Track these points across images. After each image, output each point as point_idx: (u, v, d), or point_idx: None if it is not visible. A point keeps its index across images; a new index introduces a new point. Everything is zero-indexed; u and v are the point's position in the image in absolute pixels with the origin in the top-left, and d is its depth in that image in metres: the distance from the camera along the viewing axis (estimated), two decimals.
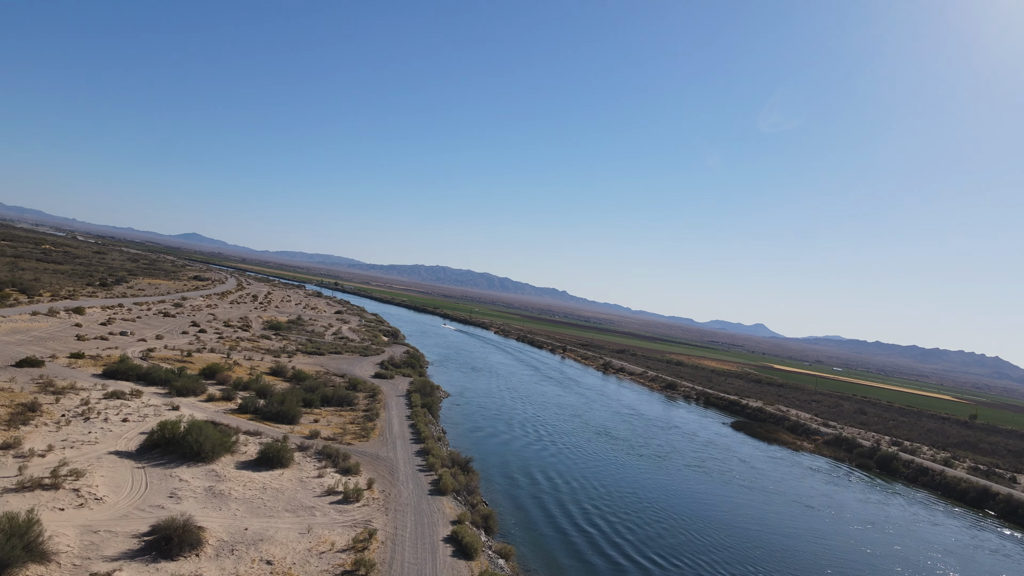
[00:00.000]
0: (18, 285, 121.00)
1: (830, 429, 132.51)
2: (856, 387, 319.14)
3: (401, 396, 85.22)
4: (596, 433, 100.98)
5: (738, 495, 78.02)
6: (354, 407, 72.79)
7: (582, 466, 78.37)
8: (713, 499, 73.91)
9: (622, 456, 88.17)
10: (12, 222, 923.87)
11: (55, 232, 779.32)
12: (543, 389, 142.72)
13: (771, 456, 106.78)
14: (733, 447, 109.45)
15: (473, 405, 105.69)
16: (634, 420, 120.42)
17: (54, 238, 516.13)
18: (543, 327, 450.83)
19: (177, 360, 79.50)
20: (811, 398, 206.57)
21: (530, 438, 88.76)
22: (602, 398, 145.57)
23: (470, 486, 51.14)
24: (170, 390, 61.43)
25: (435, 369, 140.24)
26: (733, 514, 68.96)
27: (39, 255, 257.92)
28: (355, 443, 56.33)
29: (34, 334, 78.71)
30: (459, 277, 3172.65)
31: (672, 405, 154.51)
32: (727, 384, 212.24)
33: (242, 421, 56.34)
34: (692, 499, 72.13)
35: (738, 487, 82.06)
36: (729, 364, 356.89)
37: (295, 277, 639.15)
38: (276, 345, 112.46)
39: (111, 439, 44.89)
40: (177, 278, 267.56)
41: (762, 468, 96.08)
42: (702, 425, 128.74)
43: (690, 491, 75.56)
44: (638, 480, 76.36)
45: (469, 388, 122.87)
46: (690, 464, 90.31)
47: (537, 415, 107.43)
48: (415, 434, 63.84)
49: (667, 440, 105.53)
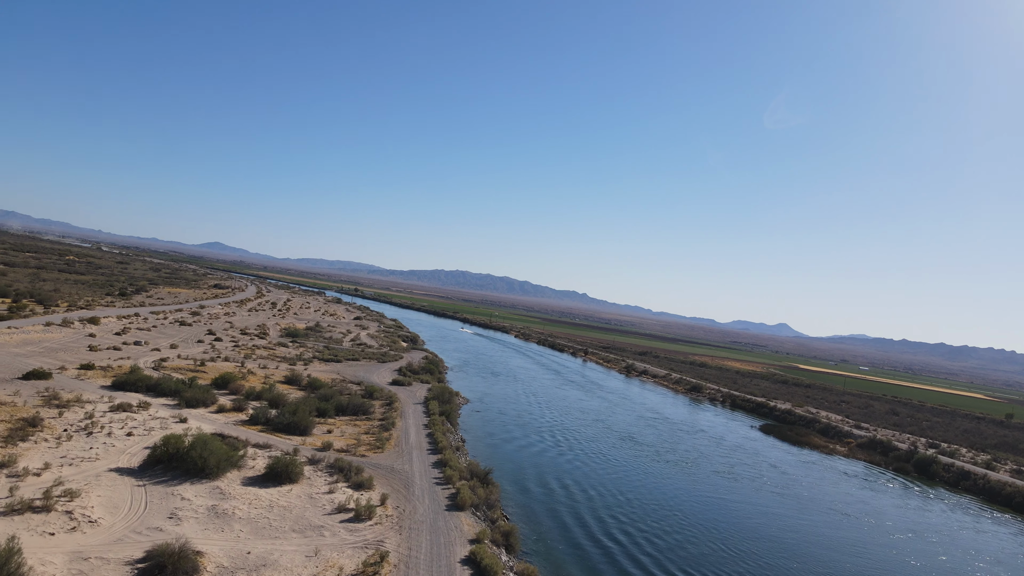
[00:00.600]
0: (36, 296, 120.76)
1: (863, 431, 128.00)
2: (885, 387, 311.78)
3: (419, 403, 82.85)
4: (620, 439, 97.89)
5: (770, 503, 74.55)
6: (370, 416, 70.52)
7: (606, 474, 75.40)
8: (744, 507, 70.54)
9: (647, 463, 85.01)
10: (39, 234, 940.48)
11: (81, 243, 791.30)
12: (565, 393, 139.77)
13: (803, 460, 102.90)
14: (762, 451, 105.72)
15: (493, 411, 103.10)
16: (659, 424, 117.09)
17: (79, 249, 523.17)
18: (564, 330, 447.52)
19: (190, 370, 77.84)
20: (840, 399, 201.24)
21: (552, 445, 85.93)
22: (625, 402, 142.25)
23: (490, 499, 48.46)
24: (180, 401, 59.57)
25: (455, 375, 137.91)
26: (766, 523, 65.59)
27: (62, 266, 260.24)
28: (369, 455, 53.95)
29: (46, 345, 77.54)
30: (479, 281, 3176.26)
31: (697, 408, 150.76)
32: (753, 385, 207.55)
33: (252, 433, 54.22)
34: (722, 508, 68.82)
35: (770, 494, 78.56)
36: (753, 365, 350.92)
37: (315, 284, 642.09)
38: (292, 352, 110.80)
39: (113, 455, 42.90)
40: (197, 287, 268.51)
41: (794, 473, 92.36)
42: (729, 429, 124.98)
43: (720, 499, 72.24)
44: (665, 488, 73.20)
45: (489, 394, 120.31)
46: (718, 470, 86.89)
47: (559, 420, 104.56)
48: (432, 444, 61.35)
49: (693, 445, 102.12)
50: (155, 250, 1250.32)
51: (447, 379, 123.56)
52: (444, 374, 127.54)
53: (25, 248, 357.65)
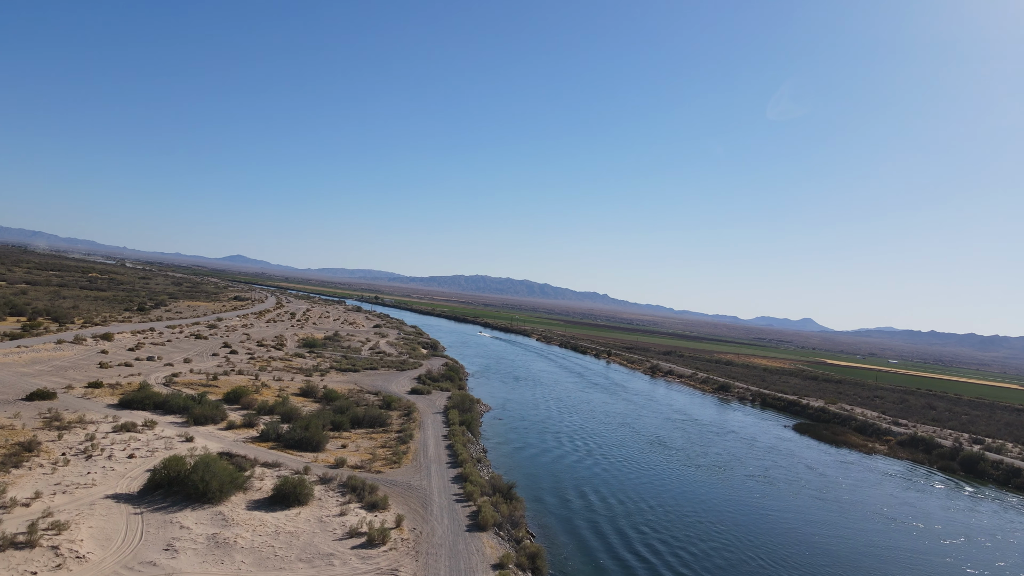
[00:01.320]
0: (52, 313, 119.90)
1: (902, 428, 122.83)
2: (917, 380, 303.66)
3: (438, 413, 79.89)
4: (648, 443, 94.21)
5: (810, 507, 70.53)
6: (387, 428, 67.66)
7: (635, 481, 71.82)
8: (782, 513, 66.58)
9: (678, 468, 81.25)
10: (65, 253, 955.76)
11: (105, 261, 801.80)
12: (589, 397, 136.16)
13: (841, 461, 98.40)
14: (797, 452, 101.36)
15: (516, 418, 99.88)
16: (688, 426, 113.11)
17: (103, 266, 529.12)
18: (585, 332, 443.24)
19: (202, 384, 75.61)
20: (873, 394, 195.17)
21: (578, 452, 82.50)
22: (652, 403, 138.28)
23: (514, 517, 45.22)
24: (188, 419, 57.12)
25: (476, 381, 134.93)
26: (807, 530, 61.60)
27: (84, 283, 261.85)
28: (385, 470, 51.00)
29: (55, 363, 75.76)
30: (499, 285, 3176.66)
31: (726, 408, 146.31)
32: (782, 383, 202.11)
33: (261, 451, 51.55)
34: (759, 514, 64.91)
35: (809, 498, 74.50)
36: (780, 361, 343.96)
37: (336, 293, 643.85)
38: (309, 363, 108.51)
39: (112, 480, 40.36)
40: (217, 299, 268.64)
41: (832, 475, 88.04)
42: (761, 429, 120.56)
43: (756, 505, 68.32)
44: (698, 495, 69.45)
45: (511, 400, 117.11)
46: (753, 474, 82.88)
47: (584, 426, 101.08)
48: (452, 457, 58.28)
49: (725, 447, 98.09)
50: (178, 264, 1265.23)
51: (468, 386, 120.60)
52: (465, 381, 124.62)
53: (49, 267, 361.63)
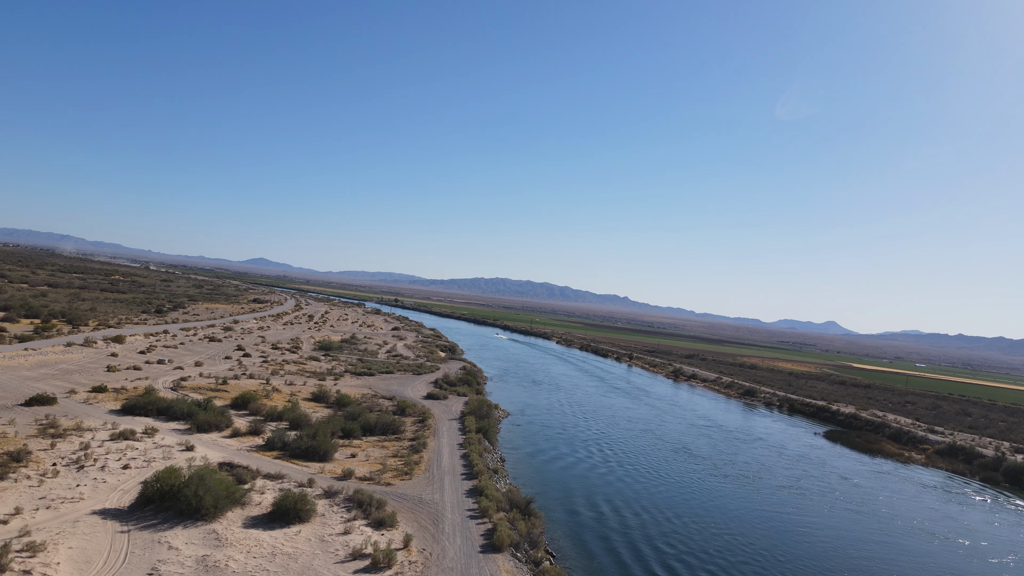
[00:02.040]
0: (68, 316, 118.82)
1: (938, 436, 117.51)
2: (949, 385, 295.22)
3: (454, 419, 76.81)
4: (673, 451, 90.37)
5: (846, 521, 66.35)
6: (400, 435, 64.71)
7: (660, 492, 68.12)
8: (818, 529, 62.44)
9: (704, 478, 77.34)
10: (90, 256, 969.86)
11: (130, 263, 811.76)
12: (611, 401, 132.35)
13: (876, 471, 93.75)
14: (829, 461, 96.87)
15: (535, 424, 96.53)
16: (713, 433, 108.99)
17: (127, 269, 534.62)
18: (606, 334, 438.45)
19: (210, 389, 73.23)
20: (904, 399, 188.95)
21: (599, 460, 78.91)
22: (675, 409, 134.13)
23: (532, 535, 41.89)
24: (191, 426, 54.53)
25: (494, 385, 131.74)
26: (845, 547, 57.45)
27: (105, 285, 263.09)
28: (396, 482, 47.94)
29: (62, 367, 73.85)
30: (519, 288, 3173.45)
31: (752, 413, 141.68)
32: (809, 388, 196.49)
33: (265, 460, 48.75)
34: (792, 530, 60.87)
35: (845, 511, 70.28)
36: (806, 365, 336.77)
37: (356, 296, 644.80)
38: (324, 367, 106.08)
39: (102, 493, 37.72)
40: (237, 302, 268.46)
41: (868, 486, 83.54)
42: (790, 436, 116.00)
43: (788, 518, 64.28)
44: (726, 507, 65.57)
45: (531, 405, 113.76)
46: (784, 485, 78.72)
47: (606, 432, 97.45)
48: (467, 467, 55.09)
49: (753, 456, 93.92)
50: (201, 267, 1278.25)
51: (486, 390, 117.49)
52: (483, 385, 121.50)
53: (73, 269, 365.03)
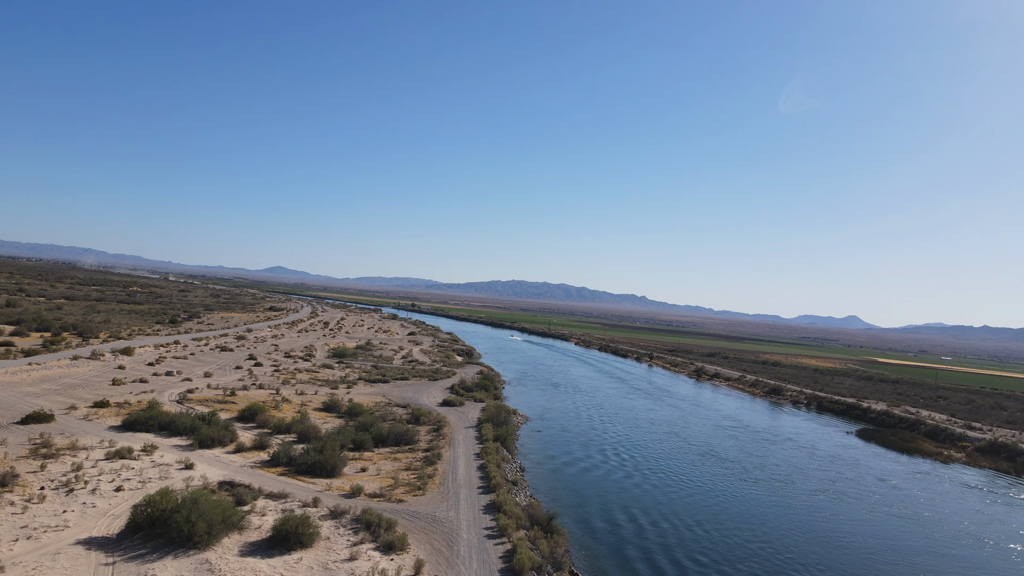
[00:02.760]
0: (79, 328, 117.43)
1: (976, 432, 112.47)
2: (979, 378, 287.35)
3: (471, 427, 73.69)
4: (699, 454, 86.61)
5: (888, 528, 62.28)
6: (414, 446, 61.71)
7: (688, 500, 64.49)
8: (857, 537, 58.45)
9: (734, 483, 73.53)
10: (111, 268, 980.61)
11: (149, 275, 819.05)
12: (632, 403, 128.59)
13: (914, 471, 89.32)
14: (864, 462, 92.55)
15: (555, 429, 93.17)
16: (740, 434, 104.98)
17: (146, 280, 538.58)
18: (625, 334, 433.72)
19: (217, 401, 70.76)
20: (936, 394, 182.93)
21: (624, 467, 75.39)
22: (699, 409, 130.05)
23: (555, 555, 38.60)
24: (193, 441, 51.88)
25: (512, 389, 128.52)
26: (888, 557, 53.44)
27: (123, 297, 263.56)
28: (408, 499, 44.87)
29: (66, 381, 71.73)
30: (536, 290, 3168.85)
31: (779, 412, 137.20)
32: (836, 384, 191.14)
33: (269, 477, 45.92)
34: (830, 538, 56.91)
35: (885, 516, 66.23)
36: (830, 361, 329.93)
37: (372, 301, 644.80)
38: (337, 374, 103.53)
39: (90, 520, 35.00)
40: (253, 310, 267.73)
41: (907, 488, 79.26)
42: (821, 435, 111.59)
43: (826, 527, 60.31)
44: (759, 515, 61.80)
45: (550, 409, 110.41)
46: (818, 489, 74.73)
47: (629, 436, 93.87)
48: (484, 480, 51.90)
49: (784, 458, 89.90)
50: (220, 277, 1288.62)
51: (504, 395, 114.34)
52: (500, 390, 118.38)
53: (92, 282, 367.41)
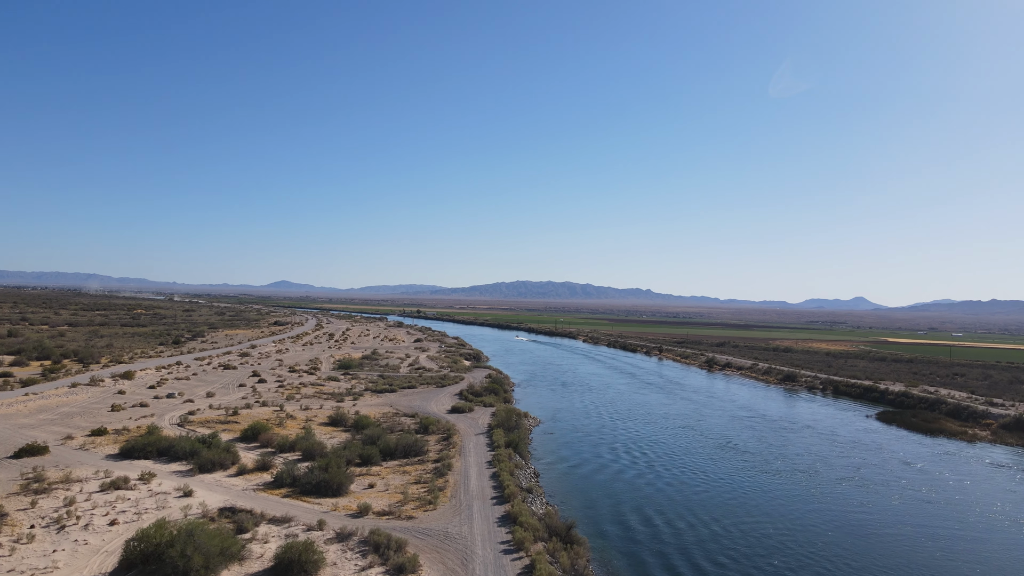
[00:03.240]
0: (80, 355, 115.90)
1: (1000, 409, 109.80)
2: (993, 352, 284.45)
3: (481, 434, 71.58)
4: (716, 447, 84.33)
5: (919, 515, 59.76)
6: (423, 457, 59.67)
7: (709, 497, 62.17)
8: (889, 525, 55.97)
9: (755, 476, 71.18)
10: (115, 292, 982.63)
11: (154, 296, 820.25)
12: (645, 399, 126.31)
13: (940, 452, 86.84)
14: (887, 445, 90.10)
15: (567, 429, 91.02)
16: (757, 424, 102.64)
17: (150, 302, 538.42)
18: (632, 329, 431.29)
19: (219, 421, 68.83)
20: (951, 372, 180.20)
21: (640, 465, 73.12)
22: (713, 401, 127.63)
23: (576, 568, 36.46)
24: (193, 466, 49.91)
25: (522, 391, 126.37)
26: (925, 547, 50.99)
27: (127, 320, 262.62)
28: (418, 515, 42.78)
29: (63, 410, 69.94)
30: (540, 289, 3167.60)
31: (795, 399, 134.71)
32: (850, 367, 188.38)
33: (272, 500, 43.90)
34: (861, 530, 54.42)
35: (914, 502, 63.83)
36: (840, 344, 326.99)
37: (378, 310, 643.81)
38: (343, 387, 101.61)
39: (81, 558, 32.99)
40: (258, 326, 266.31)
41: (934, 470, 76.83)
42: (840, 421, 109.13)
43: (855, 518, 57.77)
44: (783, 509, 59.39)
45: (562, 409, 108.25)
46: (843, 477, 72.35)
47: (643, 433, 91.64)
48: (498, 489, 49.76)
49: (804, 446, 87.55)
50: (225, 295, 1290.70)
51: (514, 397, 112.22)
52: (511, 392, 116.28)
53: (97, 307, 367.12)
